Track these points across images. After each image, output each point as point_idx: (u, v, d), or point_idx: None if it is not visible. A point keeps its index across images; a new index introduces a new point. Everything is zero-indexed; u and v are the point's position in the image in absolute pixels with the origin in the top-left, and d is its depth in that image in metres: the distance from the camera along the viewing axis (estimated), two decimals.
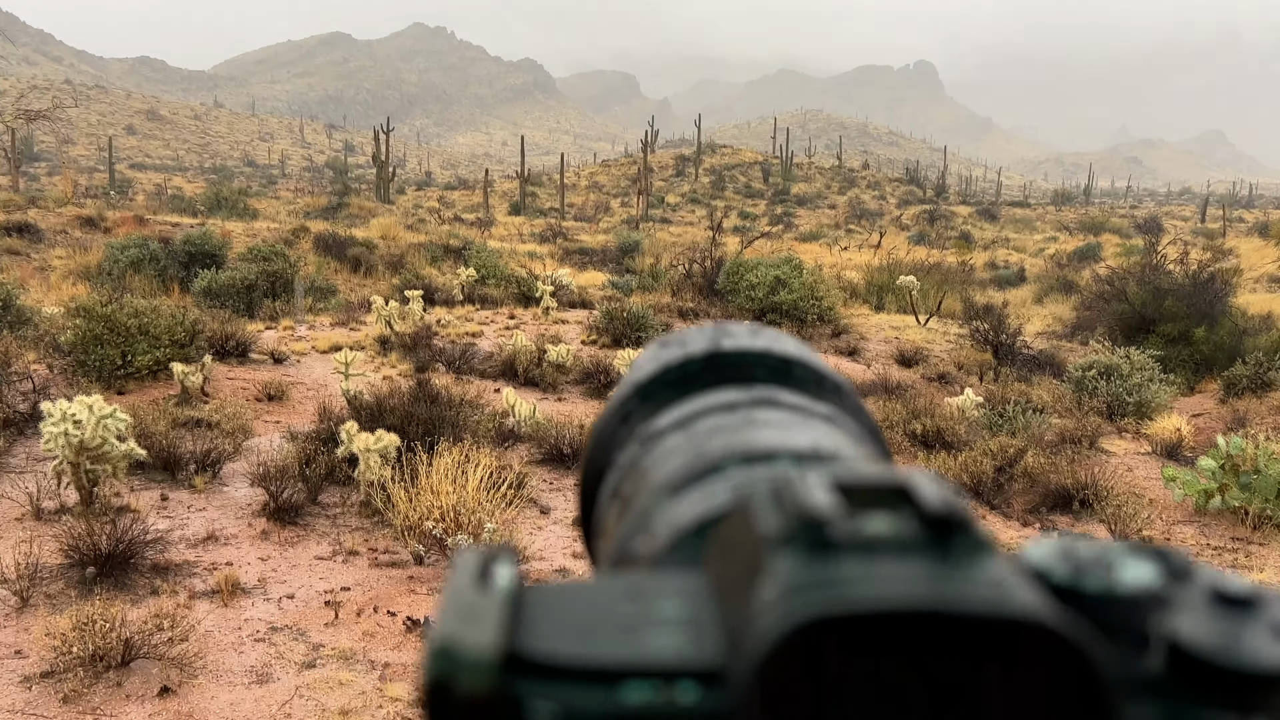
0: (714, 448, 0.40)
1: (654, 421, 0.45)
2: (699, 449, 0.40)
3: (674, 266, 20.30)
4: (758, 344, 0.48)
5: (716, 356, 0.47)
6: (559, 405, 10.16)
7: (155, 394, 9.31)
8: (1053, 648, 0.23)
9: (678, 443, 0.42)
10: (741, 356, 0.47)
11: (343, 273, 18.89)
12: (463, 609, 0.26)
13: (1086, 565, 0.27)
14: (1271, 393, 12.23)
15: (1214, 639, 0.26)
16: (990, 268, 26.77)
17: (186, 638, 4.96)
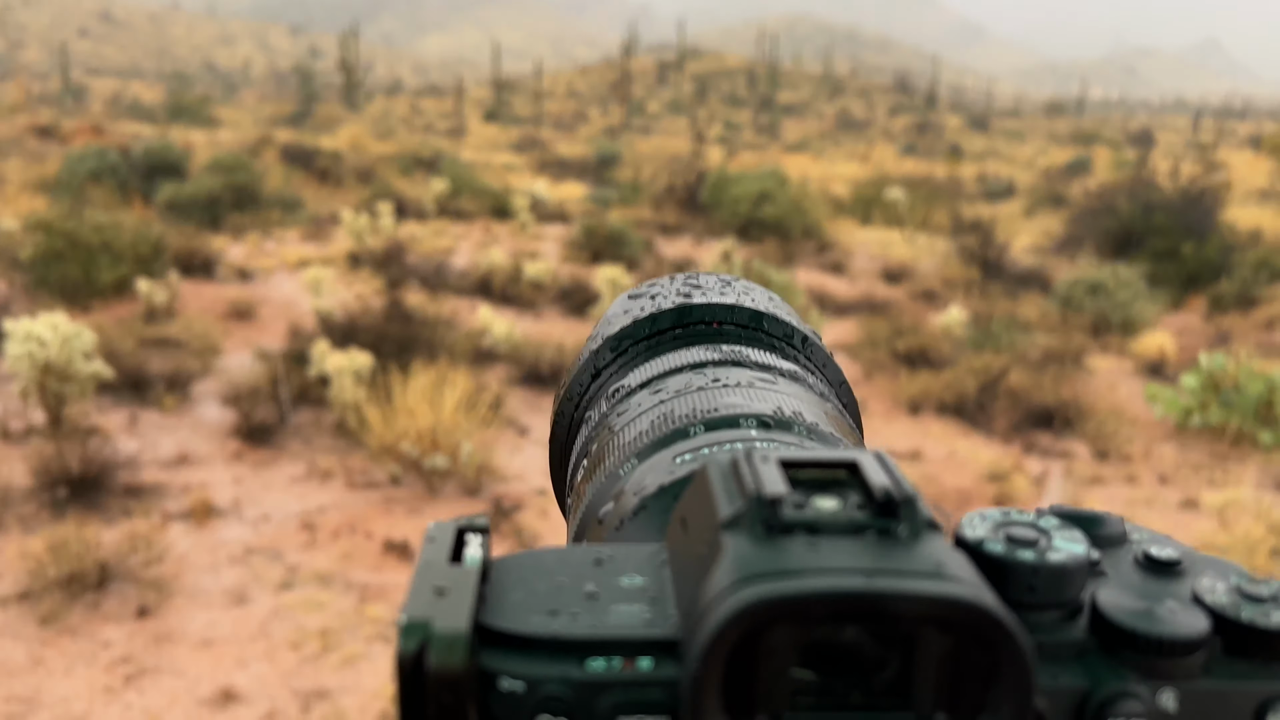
0: (680, 410, 0.40)
1: (623, 378, 0.46)
2: (666, 411, 0.41)
3: (655, 179, 19.95)
4: (725, 299, 0.49)
5: (686, 311, 0.48)
6: (537, 324, 10.01)
7: (120, 312, 9.10)
8: (980, 623, 0.25)
9: (646, 403, 0.43)
10: (710, 311, 0.48)
11: (310, 184, 18.44)
12: (434, 585, 0.27)
13: (1020, 539, 0.29)
14: (1256, 309, 12.20)
15: (1133, 607, 0.28)
16: (980, 181, 26.46)
17: (162, 559, 4.91)
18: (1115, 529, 0.32)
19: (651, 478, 0.36)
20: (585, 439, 0.45)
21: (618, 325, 0.49)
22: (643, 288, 0.53)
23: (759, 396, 0.40)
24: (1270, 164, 23.22)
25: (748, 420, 0.38)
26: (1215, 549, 5.66)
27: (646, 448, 0.38)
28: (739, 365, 0.44)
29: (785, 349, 0.48)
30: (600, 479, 0.39)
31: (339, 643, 4.28)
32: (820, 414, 0.41)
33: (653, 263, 13.17)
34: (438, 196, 16.59)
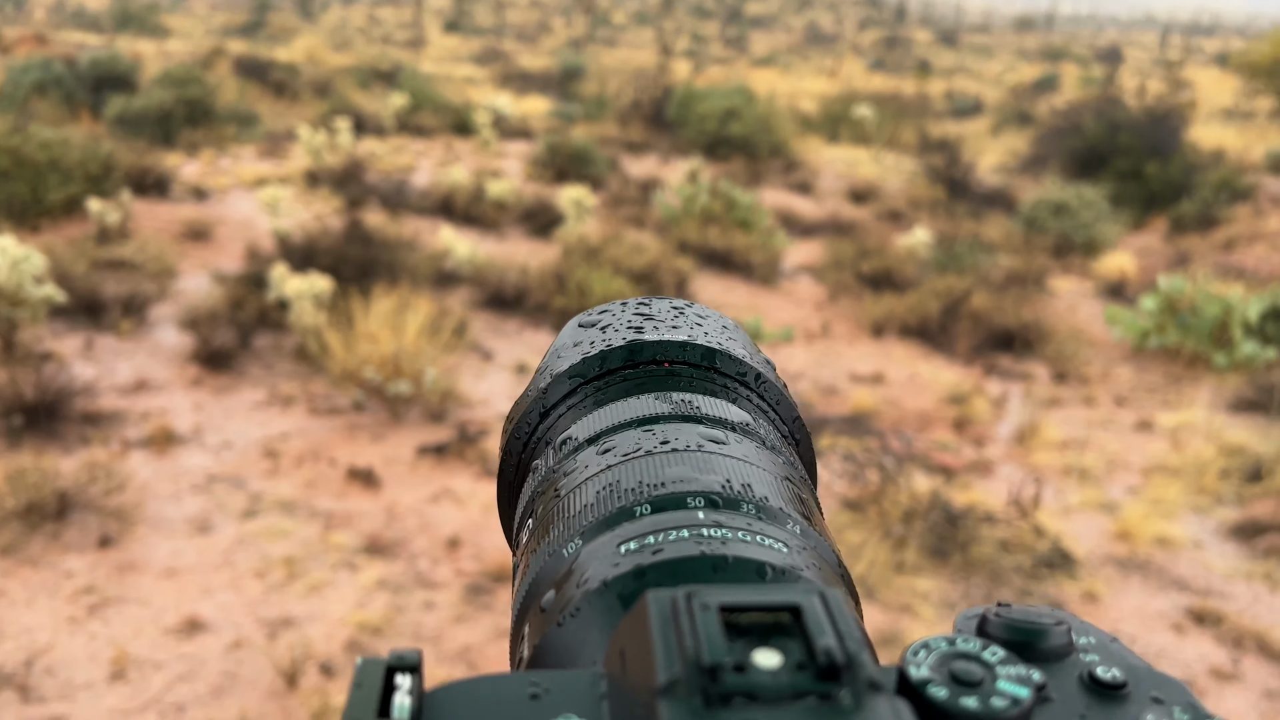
0: (626, 481, 0.39)
1: (570, 427, 0.45)
2: (612, 481, 0.40)
3: (621, 94, 19.58)
4: (677, 335, 0.48)
5: (637, 350, 0.47)
6: (500, 245, 9.89)
7: (71, 232, 8.85)
8: None
9: (592, 465, 0.41)
10: (661, 350, 0.47)
11: (266, 98, 17.89)
12: None
13: (964, 679, 0.28)
14: (1215, 230, 12.31)
15: None
16: (948, 97, 26.24)
17: (123, 488, 4.87)
18: (1061, 641, 0.31)
19: (594, 569, 0.35)
20: (532, 494, 0.44)
21: (567, 362, 0.48)
22: (593, 315, 0.52)
23: (708, 465, 0.39)
24: (1236, 82, 23.22)
25: (695, 499, 0.37)
26: (1167, 470, 5.81)
27: (591, 527, 0.37)
28: (689, 420, 0.43)
29: (737, 390, 0.47)
30: (544, 554, 0.38)
31: (304, 570, 4.30)
32: (770, 480, 0.40)
33: (618, 182, 13.00)
34: (397, 111, 16.18)
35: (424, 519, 4.79)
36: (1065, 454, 5.96)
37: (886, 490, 4.84)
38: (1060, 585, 4.42)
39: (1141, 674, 0.31)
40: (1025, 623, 0.32)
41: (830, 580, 0.35)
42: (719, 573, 0.32)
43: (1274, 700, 3.73)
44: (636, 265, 8.08)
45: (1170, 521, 5.18)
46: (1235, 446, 6.04)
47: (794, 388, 6.86)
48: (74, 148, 9.27)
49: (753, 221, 10.09)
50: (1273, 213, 12.78)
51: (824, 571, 0.35)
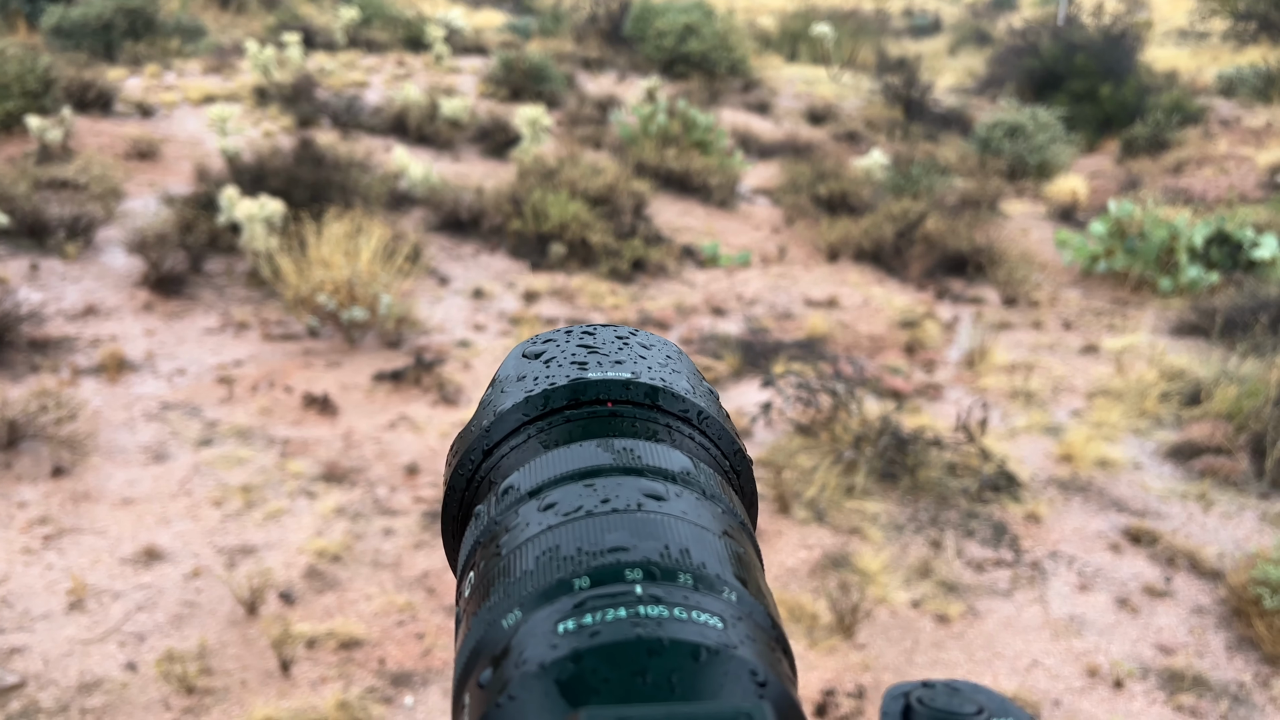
0: (566, 547, 0.40)
1: (513, 474, 0.45)
2: (551, 545, 0.40)
3: (577, 8, 19.12)
4: (621, 373, 0.49)
5: (580, 389, 0.48)
6: (455, 165, 9.73)
7: (10, 151, 8.56)
8: None
9: (532, 522, 0.42)
10: (605, 389, 0.48)
11: (211, 9, 17.24)
12: None
13: None
14: (1166, 152, 12.44)
15: None
16: (906, 15, 25.97)
17: (75, 417, 4.82)
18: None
19: (532, 649, 0.36)
20: (474, 542, 0.44)
21: (510, 399, 0.48)
22: (537, 344, 0.52)
23: (647, 530, 0.40)
24: (1190, 2, 23.20)
25: (633, 570, 0.38)
26: (1110, 393, 5.97)
27: (530, 599, 0.38)
28: (631, 474, 0.44)
29: (680, 429, 0.48)
30: (484, 621, 0.39)
31: (262, 498, 4.32)
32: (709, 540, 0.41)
33: (575, 100, 12.79)
34: (347, 25, 15.69)
35: (382, 446, 4.81)
36: (1013, 377, 6.10)
37: (838, 415, 4.94)
38: (1005, 507, 4.58)
39: None
40: (946, 713, 0.34)
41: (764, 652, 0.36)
42: (655, 657, 0.33)
43: (1203, 615, 3.92)
44: (593, 187, 8.02)
45: (1111, 444, 5.36)
46: (1176, 370, 6.21)
47: (750, 313, 6.92)
48: (9, 60, 8.91)
49: (711, 143, 10.02)
50: (1221, 136, 12.93)
51: (758, 644, 0.36)
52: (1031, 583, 4.06)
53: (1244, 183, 11.25)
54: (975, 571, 4.10)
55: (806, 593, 3.85)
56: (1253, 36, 20.92)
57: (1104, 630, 3.78)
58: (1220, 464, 5.19)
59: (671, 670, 0.32)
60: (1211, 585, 4.11)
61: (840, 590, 3.78)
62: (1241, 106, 14.67)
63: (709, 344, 6.26)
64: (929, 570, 4.06)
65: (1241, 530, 4.55)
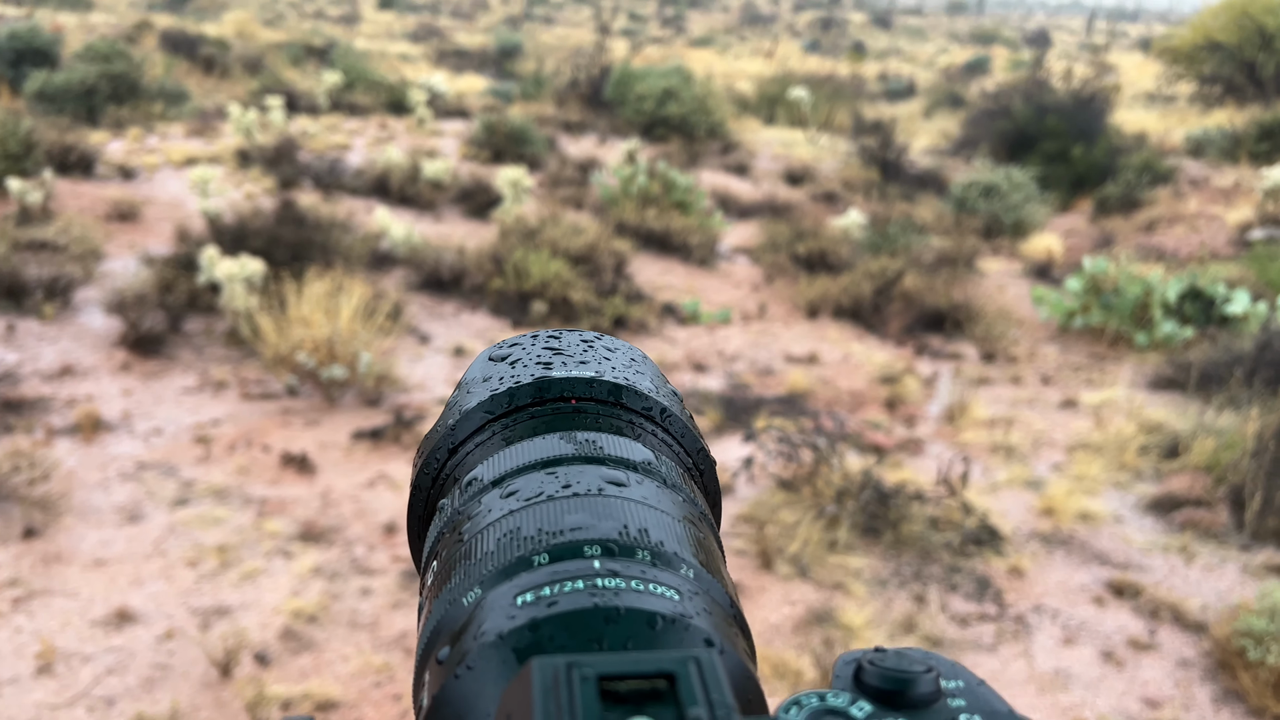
0: (526, 528, 0.40)
1: (476, 467, 0.46)
2: (512, 528, 0.40)
3: (558, 73, 19.45)
4: (585, 371, 0.49)
5: (544, 387, 0.48)
6: (437, 226, 9.79)
7: None
8: None
9: (495, 508, 0.42)
10: (569, 387, 0.48)
11: (194, 74, 17.42)
12: None
13: None
14: (1138, 211, 12.67)
15: None
16: (881, 79, 26.53)
17: (49, 477, 4.76)
18: (929, 688, 0.33)
19: (491, 621, 0.36)
20: (437, 534, 0.44)
21: (475, 398, 0.49)
22: (504, 348, 0.53)
23: (607, 511, 0.41)
24: (1157, 67, 23.85)
25: (592, 547, 0.38)
26: (1090, 447, 6.00)
27: (490, 576, 0.38)
28: (592, 462, 0.44)
29: (643, 426, 0.49)
30: (445, 601, 0.39)
31: (238, 558, 4.25)
32: (668, 523, 0.41)
33: (556, 162, 12.94)
34: (330, 89, 15.88)
35: (360, 505, 4.76)
36: (993, 432, 6.12)
37: (820, 470, 4.93)
38: (988, 561, 4.56)
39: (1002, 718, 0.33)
40: (896, 672, 0.34)
41: (721, 625, 0.36)
42: (611, 624, 0.33)
43: (1189, 668, 3.90)
44: (575, 246, 8.07)
45: (1093, 497, 5.36)
46: (1154, 423, 6.25)
47: (731, 369, 6.94)
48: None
49: (690, 203, 10.13)
50: (1191, 195, 13.19)
51: (715, 616, 0.36)
52: (1016, 637, 4.03)
53: (1215, 240, 11.46)
54: (959, 626, 4.07)
55: (790, 649, 3.81)
56: (1218, 99, 21.49)
57: (1090, 684, 3.75)
58: (1201, 516, 5.20)
59: (627, 638, 0.33)
60: (1196, 638, 4.09)
61: (824, 646, 3.74)
62: (1210, 167, 15.00)
63: (691, 400, 6.27)
64: (913, 625, 4.03)
65: (1224, 582, 4.55)
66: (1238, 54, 20.89)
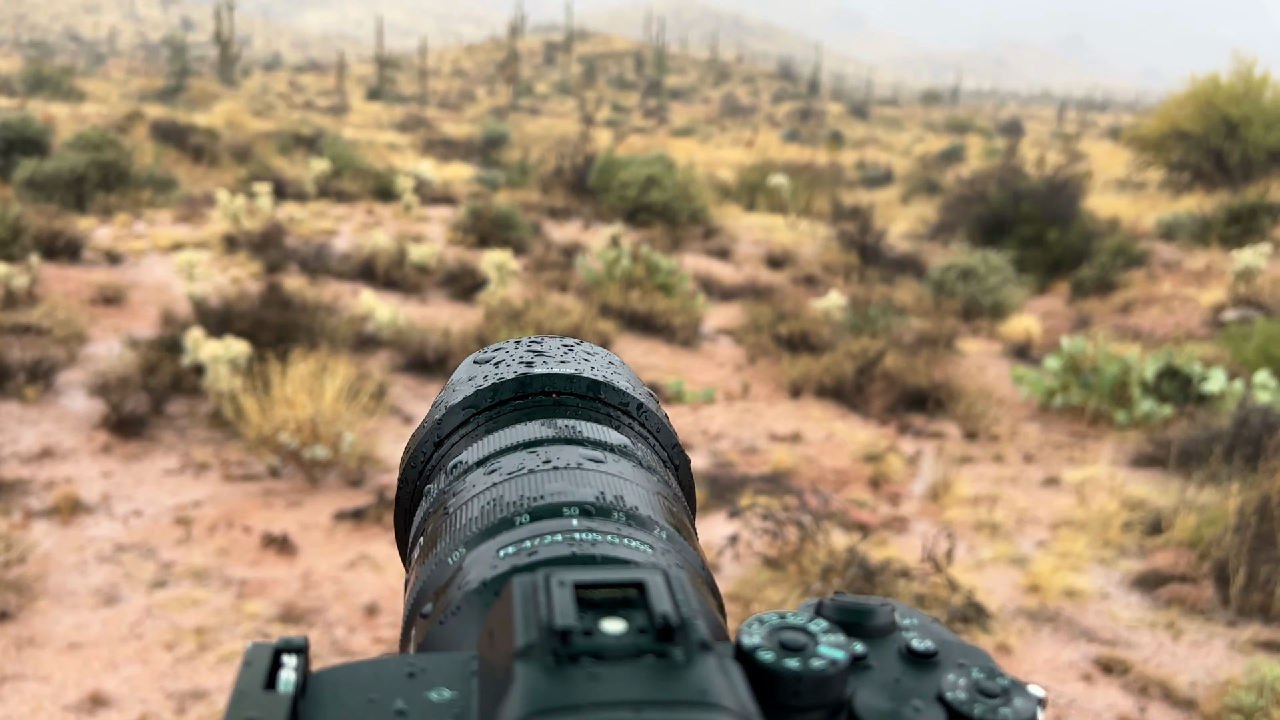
0: (509, 496, 0.42)
1: (462, 453, 0.48)
2: (496, 496, 0.43)
3: (543, 162, 19.83)
4: (565, 369, 0.52)
5: (526, 382, 0.51)
6: (422, 309, 9.86)
7: None
8: None
9: (479, 484, 0.44)
10: (550, 382, 0.51)
11: (184, 163, 17.68)
12: (245, 717, 0.28)
13: (790, 645, 0.32)
14: (1113, 293, 12.90)
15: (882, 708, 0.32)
16: (859, 167, 27.17)
17: (24, 560, 4.69)
18: (885, 620, 0.35)
19: (475, 572, 0.38)
20: (424, 514, 0.46)
21: (461, 394, 0.51)
22: (488, 352, 0.55)
23: (585, 480, 0.43)
24: (1127, 155, 24.53)
25: (570, 509, 0.40)
26: (1074, 524, 6.01)
27: (474, 536, 0.40)
28: (571, 443, 0.46)
29: (620, 418, 0.51)
30: (431, 565, 0.41)
31: (216, 641, 4.18)
32: (643, 491, 0.44)
33: (541, 246, 13.11)
34: (318, 176, 16.12)
35: (341, 586, 4.70)
36: (977, 510, 6.12)
37: (805, 547, 4.92)
38: (974, 637, 4.53)
39: (952, 646, 0.36)
40: (854, 605, 0.36)
41: (693, 580, 0.37)
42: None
43: None
44: (559, 327, 8.14)
45: (1078, 574, 5.35)
46: (1137, 500, 6.28)
47: (715, 448, 6.95)
48: None
49: (673, 285, 10.26)
50: (1165, 277, 13.46)
51: (687, 573, 0.38)
52: None
53: (1189, 321, 11.66)
54: None
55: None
56: (1187, 185, 22.07)
57: None
58: (1186, 592, 5.19)
59: None
60: (1186, 714, 4.05)
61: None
62: (1182, 250, 15.34)
63: None
64: None
65: (1212, 658, 4.52)
66: (1204, 142, 21.54)
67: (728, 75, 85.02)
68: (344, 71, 49.12)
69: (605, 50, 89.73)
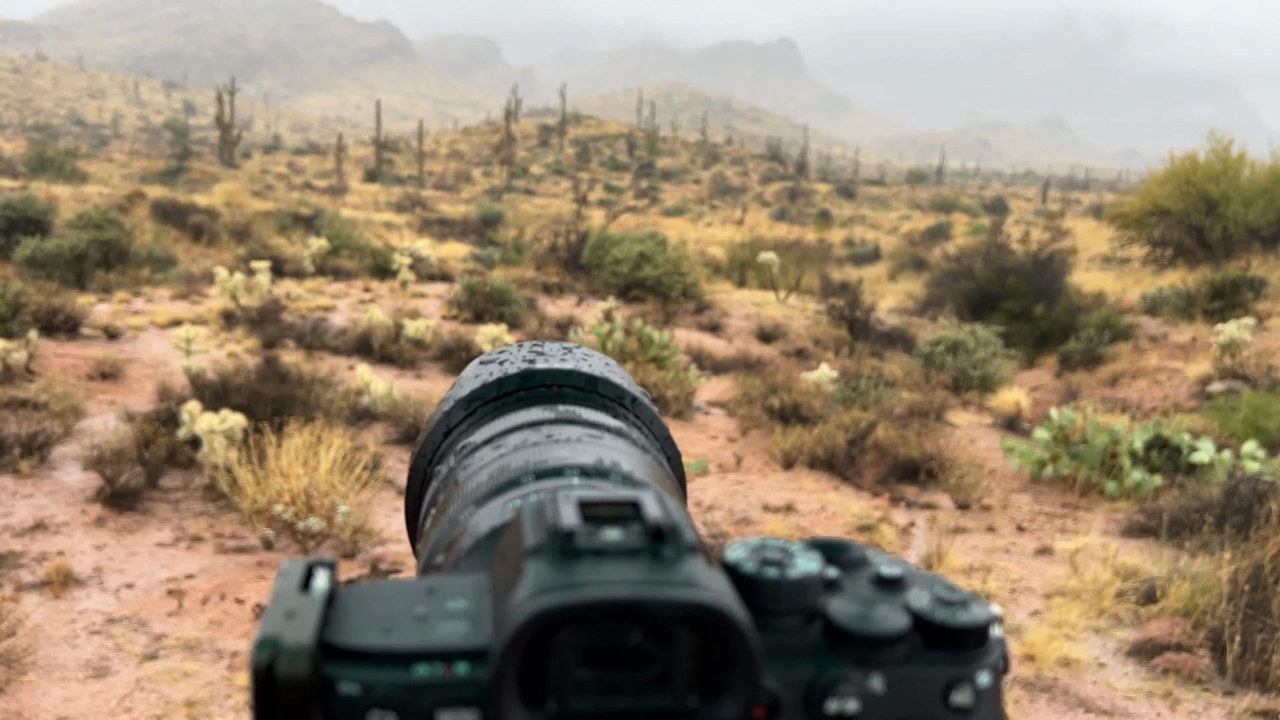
0: (515, 463, 0.47)
1: (471, 436, 0.53)
2: (503, 464, 0.47)
3: (538, 240, 20.12)
4: (565, 365, 0.57)
5: (529, 376, 0.56)
6: (417, 383, 9.93)
7: None
8: (719, 621, 0.31)
9: (487, 457, 0.49)
10: (551, 376, 0.56)
11: (183, 242, 17.92)
12: (285, 609, 0.32)
13: (769, 560, 0.35)
14: (1101, 366, 13.05)
15: (853, 613, 0.35)
16: (847, 245, 27.60)
17: (14, 633, 4.66)
18: (857, 555, 0.39)
19: (485, 521, 0.42)
20: (435, 490, 0.51)
21: (468, 388, 0.56)
22: (493, 354, 0.60)
23: (584, 450, 0.48)
24: (1110, 232, 25.00)
25: (571, 470, 0.45)
26: (1068, 593, 6.01)
27: (484, 496, 0.45)
28: (571, 423, 0.52)
29: (616, 409, 0.56)
30: (444, 524, 0.45)
31: (206, 714, 4.14)
32: (637, 463, 0.49)
33: (535, 321, 13.24)
34: (316, 254, 16.33)
35: None
36: (971, 579, 6.13)
37: None
38: None
39: (917, 574, 0.39)
40: (830, 540, 0.40)
41: None
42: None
43: None
44: None
45: (1073, 643, 5.35)
46: (1130, 569, 6.29)
47: (709, 519, 6.96)
48: None
49: (666, 359, 10.37)
50: (1151, 350, 13.62)
51: None
52: None
53: (1177, 393, 11.78)
54: None
55: None
56: (1170, 261, 22.45)
57: None
58: (1182, 661, 5.18)
59: None
60: None
61: None
62: (1167, 324, 15.55)
63: None
64: None
65: None
66: (1185, 219, 21.98)
67: (717, 157, 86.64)
68: (342, 153, 49.97)
69: (598, 133, 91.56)
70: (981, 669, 0.36)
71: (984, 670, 0.36)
